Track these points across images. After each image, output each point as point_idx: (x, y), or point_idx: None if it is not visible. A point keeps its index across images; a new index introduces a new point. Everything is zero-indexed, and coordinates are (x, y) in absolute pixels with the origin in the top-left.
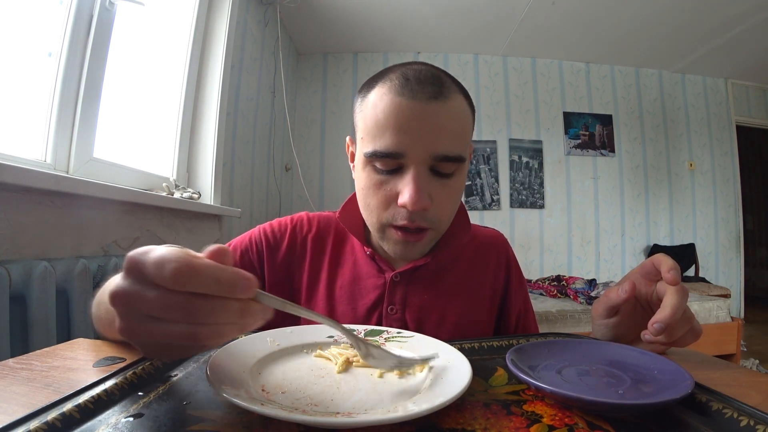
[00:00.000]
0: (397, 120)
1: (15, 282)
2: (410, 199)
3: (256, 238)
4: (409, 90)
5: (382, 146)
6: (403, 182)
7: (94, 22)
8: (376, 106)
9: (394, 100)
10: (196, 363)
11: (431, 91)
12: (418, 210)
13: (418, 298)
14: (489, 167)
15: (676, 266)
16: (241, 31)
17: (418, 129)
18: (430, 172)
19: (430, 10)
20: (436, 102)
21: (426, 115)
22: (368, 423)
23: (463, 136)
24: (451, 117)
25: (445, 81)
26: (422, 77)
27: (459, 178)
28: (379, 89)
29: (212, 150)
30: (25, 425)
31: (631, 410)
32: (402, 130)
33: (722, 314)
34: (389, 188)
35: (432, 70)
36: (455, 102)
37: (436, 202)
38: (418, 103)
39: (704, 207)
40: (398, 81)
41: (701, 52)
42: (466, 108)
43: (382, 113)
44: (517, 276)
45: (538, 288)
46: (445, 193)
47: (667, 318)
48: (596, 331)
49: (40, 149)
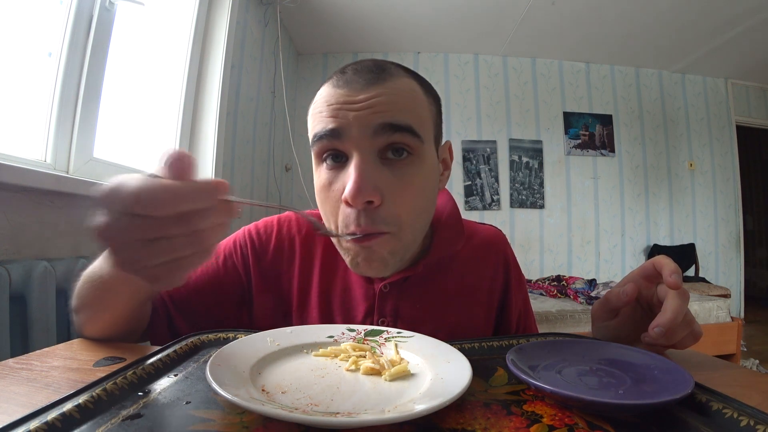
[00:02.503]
0: (330, 104)
1: (15, 282)
2: (351, 191)
3: (240, 240)
4: (344, 81)
5: (319, 128)
6: (348, 173)
7: (94, 22)
8: (316, 103)
9: (329, 90)
10: (196, 363)
11: (368, 78)
12: (362, 204)
13: (410, 310)
14: (489, 167)
15: (678, 269)
16: (241, 31)
17: (356, 108)
18: (380, 161)
19: (430, 10)
20: (373, 86)
21: (361, 97)
22: (368, 423)
23: (414, 108)
24: (393, 92)
25: (388, 67)
26: (360, 68)
27: (418, 165)
28: (320, 90)
29: (212, 150)
30: (25, 425)
31: (631, 410)
32: (337, 110)
33: (722, 314)
34: (337, 186)
35: (376, 62)
36: (399, 81)
37: (389, 197)
38: (351, 90)
39: (704, 207)
40: (335, 76)
41: (701, 52)
42: (414, 87)
43: (319, 104)
44: (516, 277)
45: (538, 288)
46: (401, 184)
47: (668, 322)
48: (596, 332)
49: (40, 149)
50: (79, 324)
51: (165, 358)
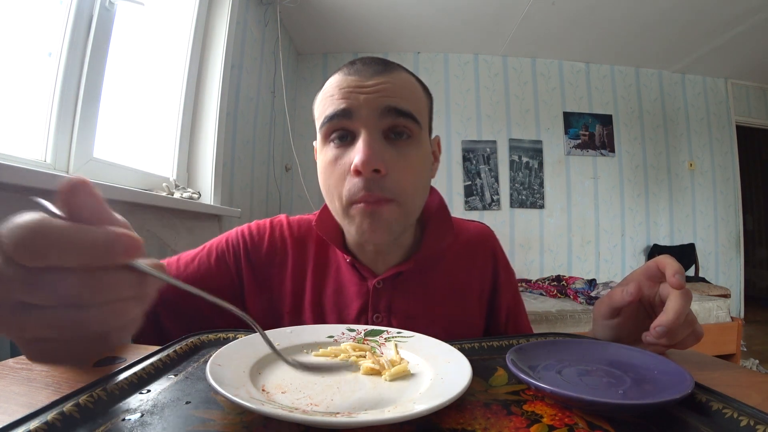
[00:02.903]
0: (341, 88)
1: None
2: (361, 159)
3: (233, 240)
4: (354, 70)
5: (331, 110)
6: (356, 149)
7: (94, 22)
8: (326, 90)
9: (340, 78)
10: (196, 363)
11: (375, 68)
12: (370, 172)
13: (404, 305)
14: (489, 167)
15: (681, 269)
16: (241, 31)
17: (364, 91)
18: (384, 139)
19: (430, 10)
20: (380, 75)
21: (371, 81)
22: (368, 423)
23: (415, 98)
24: (399, 82)
25: (392, 63)
26: (368, 60)
27: (417, 146)
28: (329, 80)
29: (212, 150)
30: (25, 425)
31: (631, 410)
32: (348, 94)
33: (722, 314)
34: (344, 161)
35: (381, 58)
36: (402, 75)
37: (393, 170)
38: (361, 77)
39: (704, 207)
40: (345, 68)
41: (701, 52)
42: (414, 81)
43: (329, 89)
44: (504, 270)
45: (538, 288)
46: (403, 160)
47: (670, 322)
48: (597, 331)
49: (40, 149)
50: None
51: (165, 358)
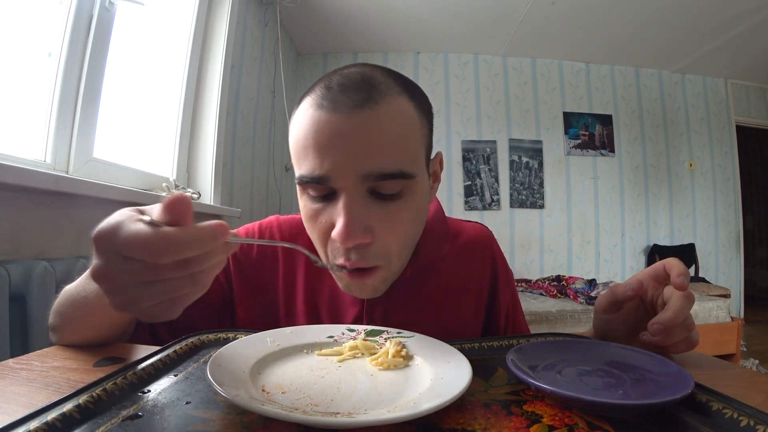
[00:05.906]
0: (317, 139)
1: (15, 282)
2: (339, 233)
3: None
4: (329, 101)
5: (306, 170)
6: (336, 211)
7: (94, 22)
8: (297, 123)
9: (314, 115)
10: (196, 363)
11: (357, 98)
12: (351, 247)
13: (399, 314)
14: (489, 167)
15: (687, 272)
16: (241, 31)
17: (342, 147)
18: (370, 196)
19: (430, 10)
20: (362, 110)
21: (349, 128)
22: (368, 423)
23: (407, 146)
24: (385, 126)
25: (379, 82)
26: (348, 83)
27: (410, 200)
28: (303, 103)
29: (212, 150)
30: (25, 425)
31: (631, 410)
32: (323, 151)
33: (722, 314)
34: (324, 219)
35: (364, 72)
36: (391, 106)
37: (380, 234)
38: (339, 115)
39: (704, 207)
40: (319, 91)
41: (701, 52)
42: (408, 110)
43: (302, 132)
44: (503, 272)
45: (538, 288)
46: (392, 221)
47: (668, 320)
48: (596, 324)
49: (40, 149)
50: (56, 339)
51: (165, 358)
